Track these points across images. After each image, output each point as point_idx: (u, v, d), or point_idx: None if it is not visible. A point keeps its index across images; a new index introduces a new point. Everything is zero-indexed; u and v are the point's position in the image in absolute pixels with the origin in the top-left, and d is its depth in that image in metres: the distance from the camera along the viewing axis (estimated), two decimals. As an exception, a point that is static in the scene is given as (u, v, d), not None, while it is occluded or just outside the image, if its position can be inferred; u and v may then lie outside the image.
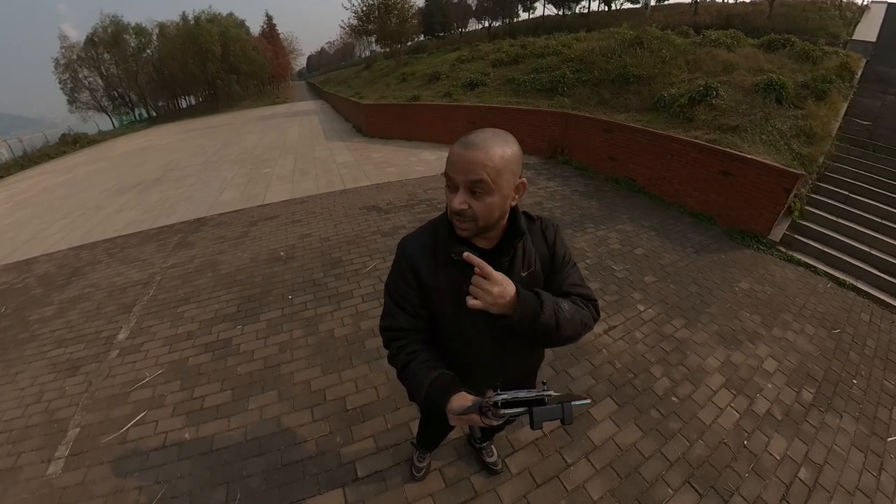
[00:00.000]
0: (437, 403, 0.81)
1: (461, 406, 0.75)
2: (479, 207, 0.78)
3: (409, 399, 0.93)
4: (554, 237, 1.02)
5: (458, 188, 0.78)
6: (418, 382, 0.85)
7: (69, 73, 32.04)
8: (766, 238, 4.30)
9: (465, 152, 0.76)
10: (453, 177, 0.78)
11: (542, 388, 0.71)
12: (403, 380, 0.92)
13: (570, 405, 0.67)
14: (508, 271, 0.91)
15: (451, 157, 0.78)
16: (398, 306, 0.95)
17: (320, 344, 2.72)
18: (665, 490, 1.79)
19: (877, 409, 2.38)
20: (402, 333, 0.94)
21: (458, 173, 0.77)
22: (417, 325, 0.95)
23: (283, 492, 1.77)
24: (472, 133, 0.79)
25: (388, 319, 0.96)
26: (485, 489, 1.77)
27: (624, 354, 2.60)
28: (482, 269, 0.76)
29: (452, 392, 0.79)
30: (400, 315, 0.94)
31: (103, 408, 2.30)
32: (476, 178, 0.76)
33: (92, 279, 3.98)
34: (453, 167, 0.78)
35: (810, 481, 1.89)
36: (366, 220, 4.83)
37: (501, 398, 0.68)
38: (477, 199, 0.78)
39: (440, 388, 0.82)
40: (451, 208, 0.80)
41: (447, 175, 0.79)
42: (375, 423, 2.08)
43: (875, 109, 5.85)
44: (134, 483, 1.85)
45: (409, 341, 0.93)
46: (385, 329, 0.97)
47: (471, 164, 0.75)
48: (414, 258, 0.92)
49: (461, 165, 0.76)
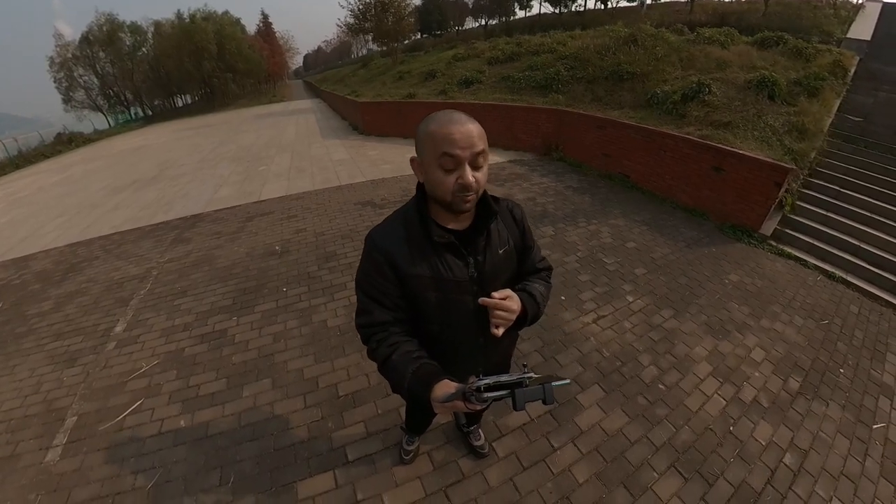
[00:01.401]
0: (420, 393, 0.81)
1: (445, 394, 0.76)
2: (481, 178, 0.82)
3: (393, 391, 0.92)
4: (521, 215, 1.06)
5: (460, 164, 0.78)
6: (400, 374, 0.85)
7: (64, 71, 31.92)
8: (758, 232, 4.35)
9: (462, 127, 0.77)
10: (458, 153, 0.77)
11: (523, 371, 0.74)
12: (385, 372, 0.91)
13: (551, 385, 0.69)
14: (486, 250, 0.95)
15: (448, 136, 0.76)
16: (374, 300, 0.92)
17: (314, 334, 2.75)
18: (650, 474, 1.82)
19: (863, 398, 2.42)
20: (379, 328, 0.92)
21: (464, 148, 0.77)
22: (397, 316, 0.93)
23: (274, 475, 1.81)
24: (439, 114, 0.81)
25: (365, 316, 0.94)
26: (472, 472, 1.80)
27: (612, 343, 2.64)
28: (499, 299, 0.83)
29: (435, 381, 0.79)
30: (377, 309, 0.92)
31: (101, 397, 2.34)
32: (479, 149, 0.79)
33: (89, 274, 4.00)
34: (457, 143, 0.76)
35: (795, 466, 1.93)
36: (360, 214, 4.86)
37: (484, 383, 0.70)
38: (478, 171, 0.81)
39: (423, 377, 0.82)
40: (463, 183, 0.79)
41: (447, 154, 0.77)
42: (366, 409, 2.12)
43: (867, 106, 5.90)
44: (130, 468, 1.88)
45: (388, 333, 0.91)
46: (361, 326, 0.95)
47: (471, 136, 0.78)
48: (388, 249, 0.90)
49: (465, 140, 0.77)
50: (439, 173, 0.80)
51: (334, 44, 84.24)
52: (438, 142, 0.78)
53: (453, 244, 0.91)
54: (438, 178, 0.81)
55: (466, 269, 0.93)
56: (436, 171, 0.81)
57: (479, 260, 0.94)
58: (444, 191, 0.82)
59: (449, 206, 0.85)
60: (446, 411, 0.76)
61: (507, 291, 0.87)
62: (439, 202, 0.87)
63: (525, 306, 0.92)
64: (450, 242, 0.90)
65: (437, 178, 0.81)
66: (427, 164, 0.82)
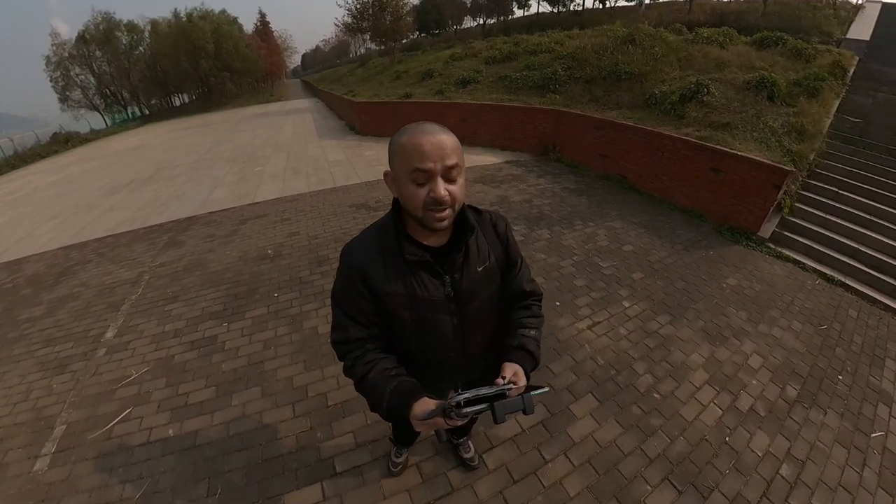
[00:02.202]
0: (399, 412, 0.79)
1: (424, 411, 0.74)
2: (457, 192, 0.78)
3: (371, 410, 0.89)
4: (505, 230, 1.02)
5: (432, 177, 0.74)
6: (378, 393, 0.83)
7: (60, 70, 31.79)
8: (756, 234, 4.31)
9: (434, 138, 0.73)
10: (429, 167, 0.73)
11: (502, 383, 0.73)
12: (362, 391, 0.88)
13: (530, 396, 0.69)
14: (463, 268, 0.91)
15: (418, 147, 0.73)
16: (349, 317, 0.90)
17: (304, 341, 2.72)
18: (643, 487, 1.79)
19: (861, 405, 2.39)
20: (355, 345, 0.90)
21: (436, 161, 0.73)
22: (372, 333, 0.91)
23: (262, 487, 1.78)
24: (411, 125, 0.78)
25: (340, 332, 0.91)
26: (461, 485, 1.77)
27: (607, 350, 2.60)
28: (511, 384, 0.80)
29: (414, 399, 0.78)
30: (352, 327, 0.90)
31: (90, 405, 2.31)
32: (452, 162, 0.75)
33: (81, 278, 3.97)
34: (428, 156, 0.73)
35: (791, 478, 1.89)
36: (354, 217, 4.82)
37: (463, 397, 0.69)
38: (453, 184, 0.77)
39: (401, 395, 0.80)
40: (435, 197, 0.75)
41: (417, 170, 0.73)
42: (355, 419, 2.09)
43: (866, 107, 5.87)
44: (118, 478, 1.86)
45: (364, 350, 0.89)
46: (337, 342, 0.92)
47: (443, 148, 0.74)
48: (362, 265, 0.87)
49: (436, 153, 0.73)
50: (411, 187, 0.76)
51: (332, 43, 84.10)
52: (409, 154, 0.74)
53: (427, 262, 0.87)
54: (410, 191, 0.77)
55: (443, 288, 0.90)
56: (407, 185, 0.77)
57: (456, 278, 0.90)
58: (416, 205, 0.77)
59: (420, 221, 0.80)
60: (427, 429, 0.74)
61: (511, 372, 0.86)
62: (412, 217, 0.83)
63: (527, 370, 0.91)
64: (423, 261, 0.87)
65: (409, 192, 0.77)
66: (399, 177, 0.78)
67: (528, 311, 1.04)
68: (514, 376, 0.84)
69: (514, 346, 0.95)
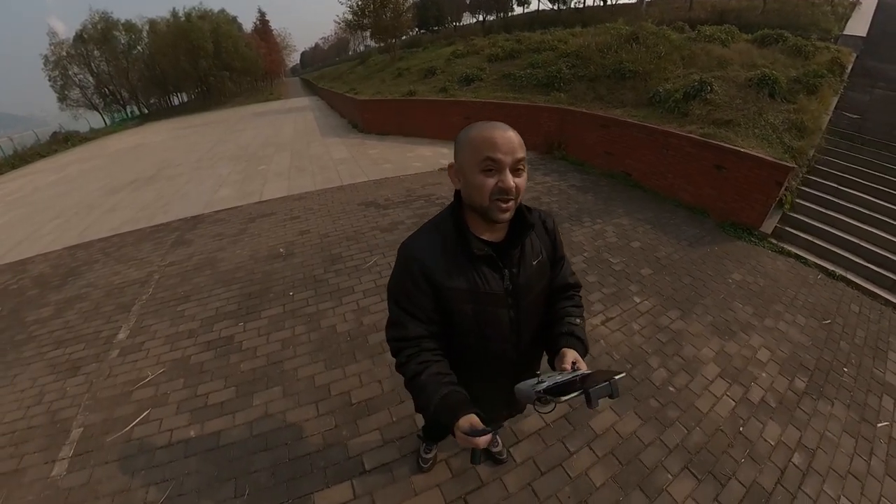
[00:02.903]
0: (445, 420, 0.80)
1: (470, 427, 0.74)
2: (521, 184, 0.82)
3: (416, 409, 0.90)
4: (553, 226, 1.07)
5: (501, 169, 0.78)
6: (427, 396, 0.84)
7: (59, 70, 31.56)
8: (758, 230, 4.38)
9: (505, 133, 0.78)
10: (500, 158, 0.77)
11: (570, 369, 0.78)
12: (412, 390, 0.89)
13: (616, 380, 0.71)
14: (520, 263, 0.95)
15: (491, 139, 0.78)
16: (408, 314, 0.90)
17: (323, 340, 2.73)
18: (665, 476, 1.84)
19: (867, 396, 2.46)
20: (412, 343, 0.90)
21: (507, 153, 0.78)
22: (430, 330, 0.91)
23: (290, 486, 1.79)
24: (481, 123, 0.82)
25: (398, 329, 0.92)
26: (491, 478, 1.80)
27: (622, 346, 2.65)
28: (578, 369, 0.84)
29: (462, 412, 0.78)
30: (411, 323, 0.90)
31: (106, 407, 2.29)
32: (521, 156, 0.80)
33: (89, 279, 3.95)
34: (499, 148, 0.77)
35: (804, 466, 1.95)
36: (364, 216, 4.82)
37: (544, 386, 0.71)
38: (519, 178, 0.81)
39: (450, 405, 0.81)
40: (504, 187, 0.79)
41: (490, 159, 0.78)
42: (381, 417, 2.11)
43: (864, 103, 5.94)
44: (140, 481, 1.84)
45: (419, 349, 0.89)
46: (394, 339, 0.93)
47: (513, 143, 0.79)
48: (425, 261, 0.88)
49: (507, 146, 0.78)
50: (479, 177, 0.80)
51: (332, 41, 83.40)
52: (479, 146, 0.79)
53: (490, 256, 0.90)
54: (478, 181, 0.80)
55: (502, 282, 0.93)
56: (476, 175, 0.80)
57: (514, 272, 0.94)
58: (483, 195, 0.81)
59: (485, 212, 0.83)
60: (467, 443, 0.75)
61: (572, 357, 0.88)
62: (476, 209, 0.86)
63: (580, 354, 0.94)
64: (487, 255, 0.90)
65: (477, 182, 0.81)
66: (467, 168, 0.82)
67: (571, 301, 1.08)
68: (577, 361, 0.87)
69: (565, 333, 0.98)
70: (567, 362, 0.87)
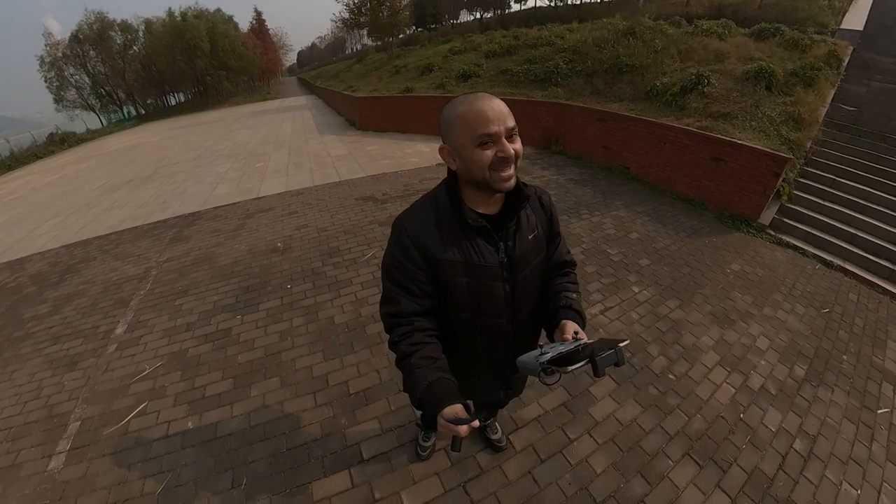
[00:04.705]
0: (430, 408, 0.80)
1: (454, 415, 0.75)
2: (519, 149, 0.82)
3: (403, 389, 0.90)
4: (550, 202, 1.06)
5: (498, 140, 0.78)
6: (416, 380, 0.84)
7: (55, 71, 31.44)
8: (756, 221, 4.38)
9: (493, 104, 0.78)
10: (495, 130, 0.77)
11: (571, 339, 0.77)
12: (402, 368, 0.89)
13: (620, 348, 0.70)
14: (515, 236, 0.94)
15: (481, 113, 0.77)
16: (402, 288, 0.90)
17: (321, 331, 2.72)
18: (666, 462, 1.83)
19: (866, 384, 2.46)
20: (406, 319, 0.90)
21: (500, 123, 0.78)
22: (424, 304, 0.91)
23: (288, 476, 1.78)
24: (461, 97, 0.82)
25: (391, 305, 0.91)
26: (490, 466, 1.79)
27: (621, 334, 2.64)
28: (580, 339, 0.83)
29: (447, 402, 0.78)
30: (404, 298, 0.90)
31: (104, 401, 2.28)
32: (512, 123, 0.80)
33: (86, 276, 3.93)
34: (492, 120, 0.77)
35: (805, 452, 1.95)
36: (362, 210, 4.81)
37: (548, 357, 0.70)
38: (515, 143, 0.81)
39: (436, 394, 0.80)
40: (504, 155, 0.79)
41: (485, 135, 0.77)
42: (379, 406, 2.10)
43: (861, 96, 5.94)
44: (138, 473, 1.83)
45: (413, 329, 0.89)
46: (388, 315, 0.92)
47: (503, 112, 0.79)
48: (418, 234, 0.88)
49: (498, 117, 0.78)
50: (477, 152, 0.79)
51: (328, 40, 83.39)
52: (471, 122, 0.78)
53: (485, 228, 0.89)
54: (477, 156, 0.79)
55: (497, 255, 0.93)
56: (472, 150, 0.79)
57: (510, 245, 0.93)
58: (482, 168, 0.80)
59: (487, 184, 0.82)
60: (449, 432, 0.74)
61: (573, 328, 0.88)
62: (477, 182, 0.84)
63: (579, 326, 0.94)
64: (482, 227, 0.89)
65: (475, 157, 0.80)
66: (461, 146, 0.81)
67: (567, 277, 1.09)
68: (578, 332, 0.87)
69: (563, 307, 0.98)
70: (568, 332, 0.86)
